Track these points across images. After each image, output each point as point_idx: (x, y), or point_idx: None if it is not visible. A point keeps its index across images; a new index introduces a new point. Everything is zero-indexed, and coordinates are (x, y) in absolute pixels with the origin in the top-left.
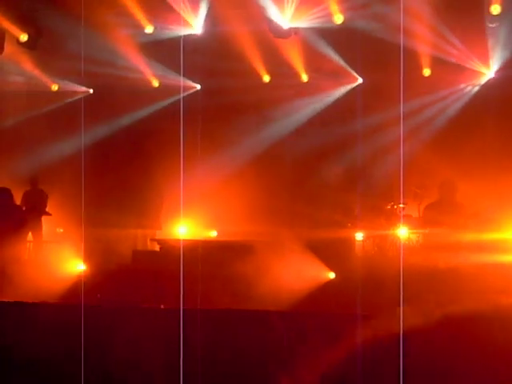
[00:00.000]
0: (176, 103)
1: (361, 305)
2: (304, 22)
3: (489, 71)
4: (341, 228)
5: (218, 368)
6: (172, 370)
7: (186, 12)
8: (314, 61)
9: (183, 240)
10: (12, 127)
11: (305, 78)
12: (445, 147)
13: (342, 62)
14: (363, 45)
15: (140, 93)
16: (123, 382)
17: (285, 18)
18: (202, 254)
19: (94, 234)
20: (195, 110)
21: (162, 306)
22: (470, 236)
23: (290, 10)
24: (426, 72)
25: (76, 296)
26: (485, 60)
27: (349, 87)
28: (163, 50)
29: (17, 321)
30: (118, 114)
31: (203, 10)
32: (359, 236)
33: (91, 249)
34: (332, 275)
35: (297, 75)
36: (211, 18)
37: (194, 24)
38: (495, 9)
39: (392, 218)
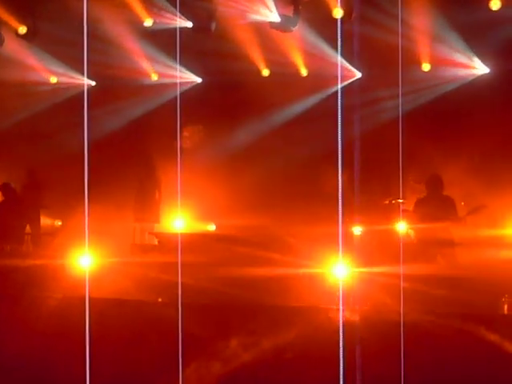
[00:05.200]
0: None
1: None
2: (302, 15)
3: (486, 66)
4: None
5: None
6: (170, 365)
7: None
8: (312, 55)
9: (181, 234)
10: (13, 120)
11: (304, 72)
12: (442, 140)
13: (340, 57)
14: (362, 39)
15: (139, 86)
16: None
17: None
18: (198, 247)
19: (93, 228)
20: (195, 103)
21: (160, 300)
22: (462, 231)
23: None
24: (426, 67)
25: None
26: (484, 55)
27: (347, 82)
28: (162, 44)
29: (20, 314)
30: (117, 108)
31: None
32: (357, 230)
33: (90, 242)
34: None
35: (296, 69)
36: (210, 11)
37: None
38: (495, 4)
39: (390, 213)
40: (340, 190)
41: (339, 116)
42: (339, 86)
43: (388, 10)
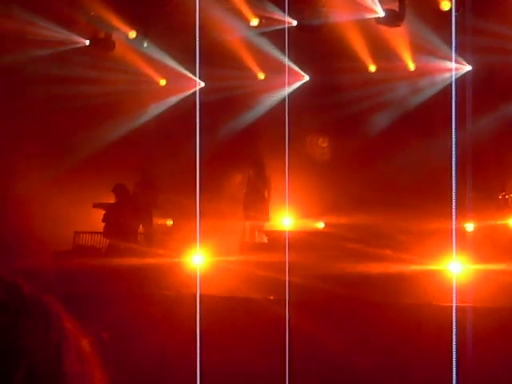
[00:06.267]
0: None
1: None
2: (409, 8)
3: None
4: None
5: (321, 356)
6: (275, 359)
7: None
8: (422, 48)
9: (291, 232)
10: (126, 123)
11: (412, 66)
12: None
13: (448, 49)
14: (472, 31)
15: (246, 87)
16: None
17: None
18: (307, 245)
19: (205, 226)
20: (304, 102)
21: (272, 297)
22: None
23: None
24: None
25: (190, 286)
26: None
27: (457, 74)
28: (268, 43)
29: (135, 311)
30: (227, 109)
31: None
32: (470, 227)
33: (202, 241)
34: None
35: (404, 64)
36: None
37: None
38: None
39: (503, 208)
40: (454, 187)
41: (453, 110)
42: (453, 79)
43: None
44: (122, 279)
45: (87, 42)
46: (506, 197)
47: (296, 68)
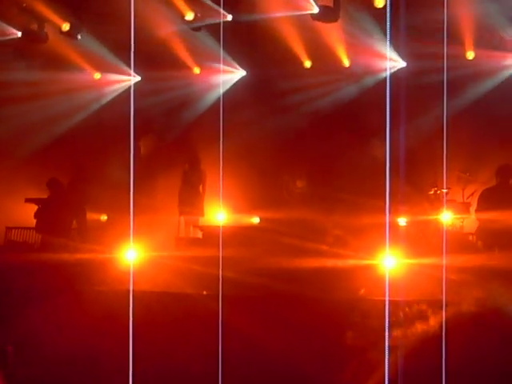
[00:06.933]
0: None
1: (404, 292)
2: (343, 5)
3: None
4: (382, 214)
5: (256, 352)
6: (210, 355)
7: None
8: (355, 45)
9: (224, 226)
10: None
11: (346, 62)
12: (492, 131)
13: (383, 46)
14: (406, 28)
15: (183, 80)
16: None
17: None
18: (242, 239)
19: (139, 221)
20: (240, 96)
21: (205, 293)
22: None
23: None
24: (470, 55)
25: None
26: None
27: (391, 71)
28: (203, 38)
29: (67, 307)
30: (160, 101)
31: None
32: (402, 221)
33: (136, 236)
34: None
35: (338, 60)
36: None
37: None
38: None
39: (435, 203)
40: (387, 182)
41: (387, 105)
42: (388, 73)
43: None
44: (54, 275)
45: (19, 34)
46: (438, 192)
47: (232, 63)
